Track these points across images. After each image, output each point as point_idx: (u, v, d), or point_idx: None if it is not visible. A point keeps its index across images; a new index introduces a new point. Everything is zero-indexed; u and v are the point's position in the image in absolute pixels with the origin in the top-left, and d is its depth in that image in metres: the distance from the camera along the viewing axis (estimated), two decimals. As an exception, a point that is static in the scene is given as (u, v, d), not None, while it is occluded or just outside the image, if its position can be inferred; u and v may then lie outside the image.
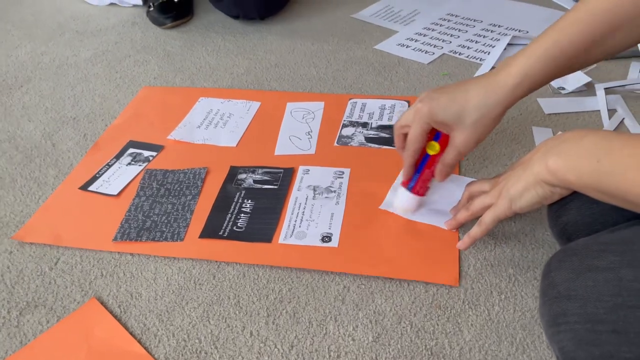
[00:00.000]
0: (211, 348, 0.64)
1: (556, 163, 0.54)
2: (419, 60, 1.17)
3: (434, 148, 0.72)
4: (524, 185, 0.59)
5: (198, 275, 0.73)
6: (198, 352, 0.64)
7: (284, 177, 0.87)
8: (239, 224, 0.79)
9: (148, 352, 0.64)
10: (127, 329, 0.67)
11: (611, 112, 0.97)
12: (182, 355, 0.64)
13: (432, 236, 0.75)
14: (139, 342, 0.65)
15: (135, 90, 1.14)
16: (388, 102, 1.03)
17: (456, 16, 1.34)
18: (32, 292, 0.73)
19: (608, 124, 0.94)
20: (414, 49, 1.21)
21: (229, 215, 0.80)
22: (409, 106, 1.01)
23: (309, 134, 0.97)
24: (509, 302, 0.67)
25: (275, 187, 0.85)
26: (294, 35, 1.31)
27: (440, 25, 1.31)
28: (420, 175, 0.74)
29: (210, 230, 0.78)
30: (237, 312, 0.68)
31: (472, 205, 0.68)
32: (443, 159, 0.71)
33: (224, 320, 0.67)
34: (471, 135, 0.66)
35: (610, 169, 0.48)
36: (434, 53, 1.19)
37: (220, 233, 0.78)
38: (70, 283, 0.73)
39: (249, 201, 0.83)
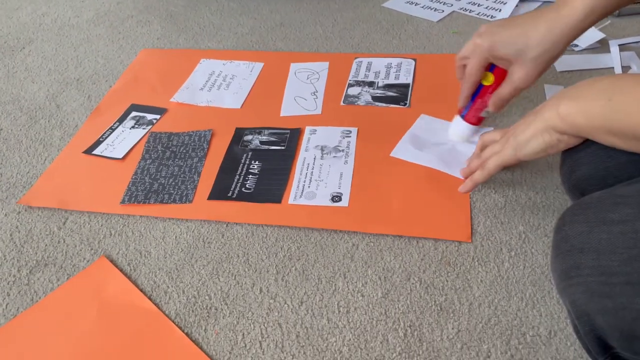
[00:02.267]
0: (221, 304, 0.65)
1: (568, 107, 0.53)
2: (428, 18, 1.14)
3: (488, 79, 0.73)
4: (532, 132, 0.58)
5: (207, 234, 0.73)
6: (208, 308, 0.64)
7: (290, 138, 0.86)
8: (247, 185, 0.78)
9: (159, 308, 0.64)
10: (137, 286, 0.67)
11: (625, 69, 0.95)
12: (193, 311, 0.64)
13: (443, 193, 0.74)
14: (150, 298, 0.66)
15: (139, 52, 1.12)
16: (394, 61, 1.01)
17: (466, -27, 1.30)
18: (41, 251, 0.73)
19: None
20: (422, 7, 1.18)
21: (237, 176, 0.80)
22: (415, 62, 0.99)
23: (315, 94, 0.95)
24: (519, 259, 0.67)
25: (283, 147, 0.84)
26: (300, -7, 1.28)
27: (450, -18, 1.27)
28: (473, 104, 0.75)
29: (219, 192, 0.78)
30: (246, 270, 0.68)
31: (484, 153, 0.67)
32: (499, 92, 0.71)
33: (233, 278, 0.68)
34: (532, 70, 0.66)
35: (621, 106, 0.48)
36: (443, 11, 1.16)
37: (229, 194, 0.77)
38: (80, 242, 0.73)
39: (257, 162, 0.82)
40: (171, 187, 0.79)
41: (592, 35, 1.01)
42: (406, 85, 0.94)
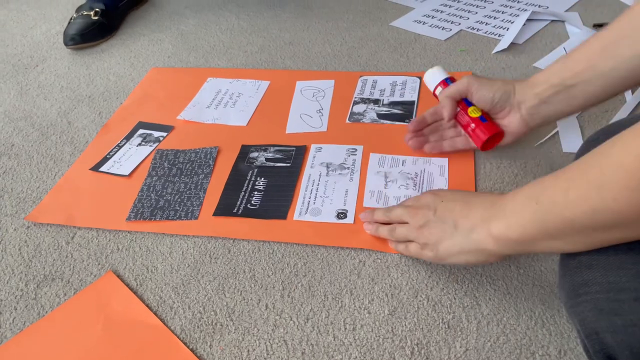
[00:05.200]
0: (227, 320, 0.64)
1: (498, 226, 0.53)
2: (436, 37, 1.15)
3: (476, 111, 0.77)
4: (458, 250, 0.58)
5: (213, 250, 0.73)
6: (214, 323, 0.64)
7: (296, 155, 0.86)
8: (252, 202, 0.78)
9: (164, 323, 0.64)
10: (143, 301, 0.67)
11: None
12: (198, 327, 0.64)
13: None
14: (155, 314, 0.65)
15: (149, 69, 1.13)
16: (399, 79, 1.02)
17: (474, -8, 1.31)
18: (49, 265, 0.73)
19: (631, 98, 0.91)
20: (430, 26, 1.19)
21: (243, 193, 0.80)
22: (420, 82, 1.00)
23: (320, 112, 0.95)
24: (527, 277, 0.66)
25: (288, 164, 0.84)
26: (309, 13, 1.30)
27: (458, 2, 1.28)
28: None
29: (224, 208, 0.78)
30: (252, 286, 0.68)
31: (397, 230, 0.66)
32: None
33: (239, 293, 0.67)
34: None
35: (550, 205, 0.47)
36: (451, 29, 1.17)
37: (235, 211, 0.77)
38: (87, 257, 0.74)
39: (262, 179, 0.82)
40: (177, 203, 0.79)
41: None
42: (411, 103, 0.95)
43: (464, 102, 0.78)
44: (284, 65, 1.11)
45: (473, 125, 0.76)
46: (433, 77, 0.83)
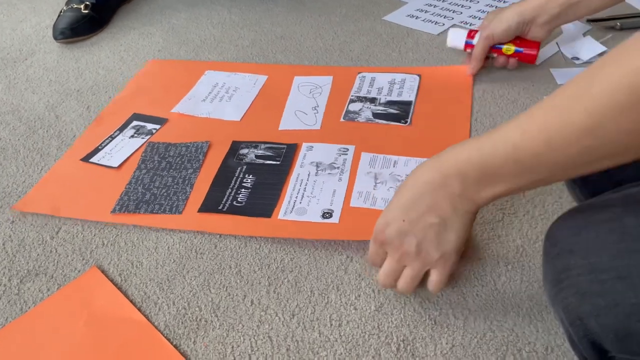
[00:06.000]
0: (211, 316, 0.64)
1: (484, 191, 0.50)
2: (428, 31, 1.14)
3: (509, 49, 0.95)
4: (456, 234, 0.54)
5: (199, 245, 0.72)
6: (198, 319, 0.63)
7: (286, 153, 0.85)
8: (239, 199, 0.77)
9: (148, 319, 0.63)
10: (127, 297, 0.66)
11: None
12: (182, 322, 0.63)
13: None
14: (139, 310, 0.65)
15: (140, 63, 1.12)
16: (398, 76, 1.00)
17: (468, -13, 1.30)
18: (33, 260, 0.72)
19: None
20: (423, 20, 1.18)
21: (230, 190, 0.79)
22: (419, 80, 0.98)
23: (315, 109, 0.94)
24: (515, 273, 0.65)
25: (278, 162, 0.83)
26: (301, 7, 1.29)
27: (451, -4, 1.27)
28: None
29: (210, 205, 0.77)
30: (238, 281, 0.67)
31: (401, 279, 0.59)
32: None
33: (224, 289, 0.67)
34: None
35: (517, 126, 0.46)
36: (444, 24, 1.16)
37: (220, 207, 0.76)
38: (71, 252, 0.73)
39: (250, 176, 0.81)
40: (163, 197, 0.78)
41: (594, 48, 1.01)
42: (408, 103, 0.93)
43: (493, 48, 0.94)
44: (275, 60, 1.10)
45: (516, 57, 0.95)
46: (456, 36, 0.98)
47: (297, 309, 0.64)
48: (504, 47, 0.94)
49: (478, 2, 1.23)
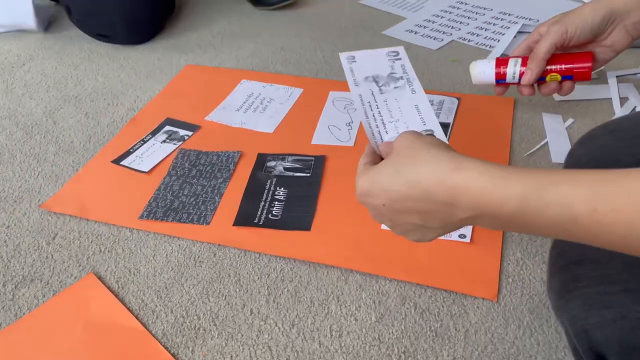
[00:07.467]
0: (210, 325, 0.63)
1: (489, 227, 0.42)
2: (427, 47, 1.15)
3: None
4: (436, 234, 0.46)
5: (198, 253, 0.72)
6: (196, 328, 0.62)
7: (315, 165, 0.84)
8: (274, 212, 0.76)
9: (145, 327, 0.62)
10: (124, 304, 0.65)
11: (622, 100, 0.95)
12: (180, 331, 0.62)
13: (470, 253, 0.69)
14: (137, 317, 0.64)
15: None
16: (436, 98, 0.98)
17: (466, 4, 1.32)
18: (28, 266, 0.71)
19: (620, 111, 0.92)
20: (422, 35, 1.19)
21: (263, 202, 0.78)
22: (458, 103, 0.96)
23: (349, 125, 0.93)
24: (516, 286, 0.65)
25: (308, 174, 0.82)
26: (301, 20, 1.30)
27: (450, 13, 1.29)
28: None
29: (245, 218, 0.75)
30: (237, 290, 0.67)
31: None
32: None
33: (223, 298, 0.66)
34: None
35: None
36: (442, 40, 1.17)
37: (256, 221, 0.75)
38: (68, 258, 0.72)
39: (282, 189, 0.80)
40: (191, 206, 0.77)
41: (590, 66, 1.02)
42: (446, 125, 0.91)
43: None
44: (275, 71, 1.10)
45: (568, 77, 0.71)
46: (483, 69, 0.73)
47: (297, 319, 0.63)
48: (547, 77, 0.71)
49: (476, 19, 1.25)
